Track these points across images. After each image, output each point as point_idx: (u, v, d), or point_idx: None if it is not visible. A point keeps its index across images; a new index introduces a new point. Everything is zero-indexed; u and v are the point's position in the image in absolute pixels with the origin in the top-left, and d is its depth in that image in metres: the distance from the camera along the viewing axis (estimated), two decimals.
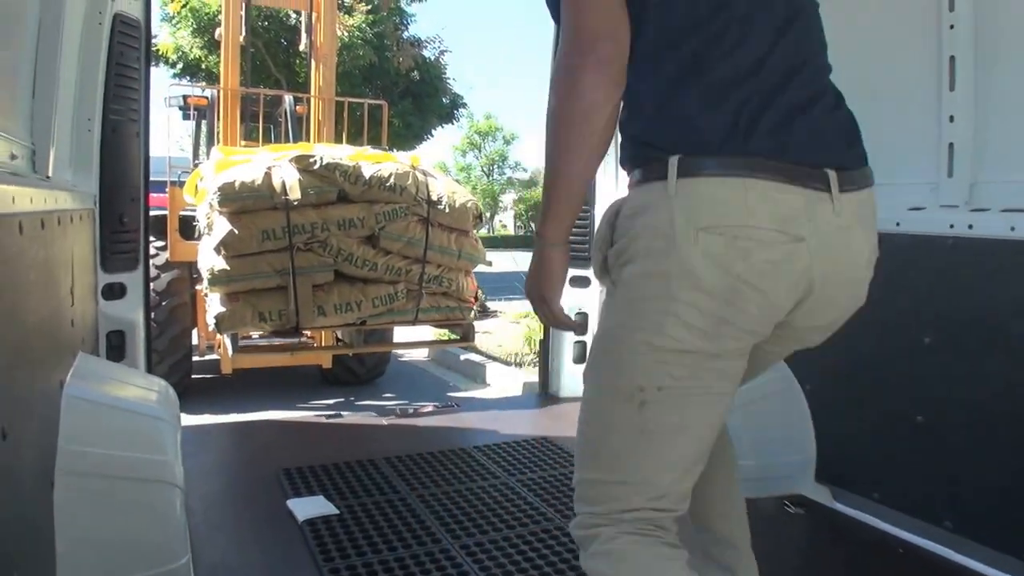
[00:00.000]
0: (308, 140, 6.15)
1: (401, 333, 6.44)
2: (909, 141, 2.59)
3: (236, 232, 3.39)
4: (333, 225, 3.54)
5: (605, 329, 1.45)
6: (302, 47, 6.61)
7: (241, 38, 6.05)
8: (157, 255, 5.44)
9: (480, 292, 4.18)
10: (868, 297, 1.47)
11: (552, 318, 1.55)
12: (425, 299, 3.83)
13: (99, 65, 2.96)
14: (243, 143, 6.10)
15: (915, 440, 2.49)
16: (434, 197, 3.75)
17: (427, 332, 7.24)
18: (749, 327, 1.34)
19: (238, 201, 3.41)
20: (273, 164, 3.58)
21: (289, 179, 3.48)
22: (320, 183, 3.55)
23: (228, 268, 3.42)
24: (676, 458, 1.39)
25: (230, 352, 3.77)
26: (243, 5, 6.02)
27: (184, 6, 14.15)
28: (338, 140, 5.91)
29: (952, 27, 2.44)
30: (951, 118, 2.48)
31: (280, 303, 3.50)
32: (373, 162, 3.71)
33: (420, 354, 8.08)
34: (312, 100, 6.30)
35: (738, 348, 1.36)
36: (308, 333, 5.68)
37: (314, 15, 6.16)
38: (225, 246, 3.40)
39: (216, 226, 3.50)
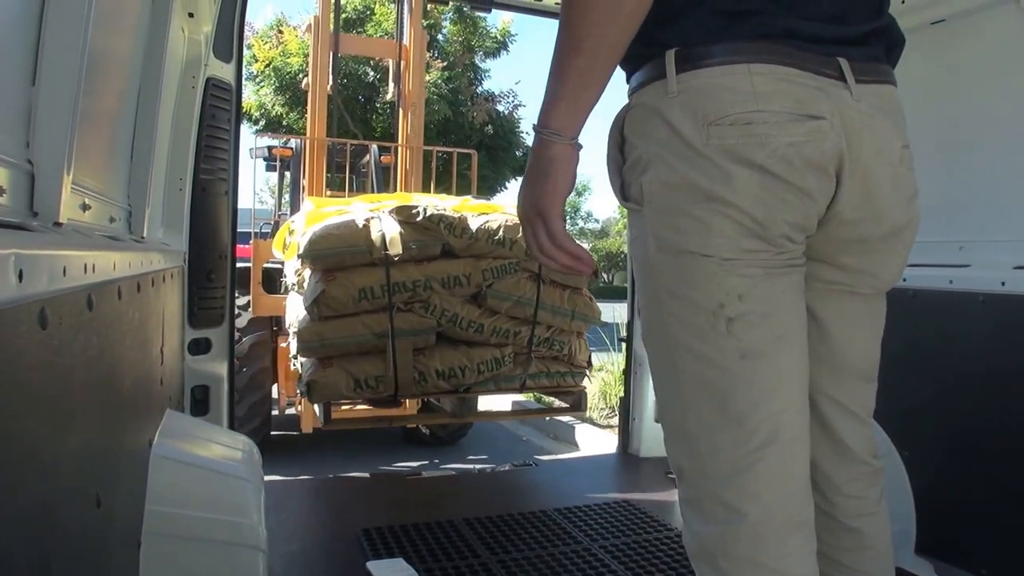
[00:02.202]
0: (394, 190, 6.11)
1: (502, 398, 5.96)
2: (1012, 195, 2.47)
3: (330, 291, 3.14)
4: (436, 283, 3.26)
5: (650, 257, 1.26)
6: (390, 96, 6.69)
7: (328, 87, 6.10)
8: (239, 315, 5.38)
9: None
10: (972, 359, 1.36)
11: (552, 245, 1.25)
12: (534, 364, 3.52)
13: (191, 127, 3.04)
14: (327, 193, 6.09)
15: None
16: None
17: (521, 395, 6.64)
18: (792, 219, 1.21)
19: (333, 256, 3.17)
20: (370, 216, 3.31)
21: (389, 232, 3.19)
22: (423, 236, 3.26)
23: (321, 331, 3.19)
24: (788, 372, 1.24)
25: (321, 421, 3.47)
26: (331, 55, 6.09)
27: (267, 66, 14.66)
28: (425, 190, 5.91)
29: None
30: None
31: (377, 368, 3.21)
32: (479, 213, 3.42)
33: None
34: (400, 149, 6.27)
35: (792, 246, 1.23)
36: None
37: (402, 63, 6.23)
38: (318, 306, 3.15)
39: (308, 284, 3.28)
